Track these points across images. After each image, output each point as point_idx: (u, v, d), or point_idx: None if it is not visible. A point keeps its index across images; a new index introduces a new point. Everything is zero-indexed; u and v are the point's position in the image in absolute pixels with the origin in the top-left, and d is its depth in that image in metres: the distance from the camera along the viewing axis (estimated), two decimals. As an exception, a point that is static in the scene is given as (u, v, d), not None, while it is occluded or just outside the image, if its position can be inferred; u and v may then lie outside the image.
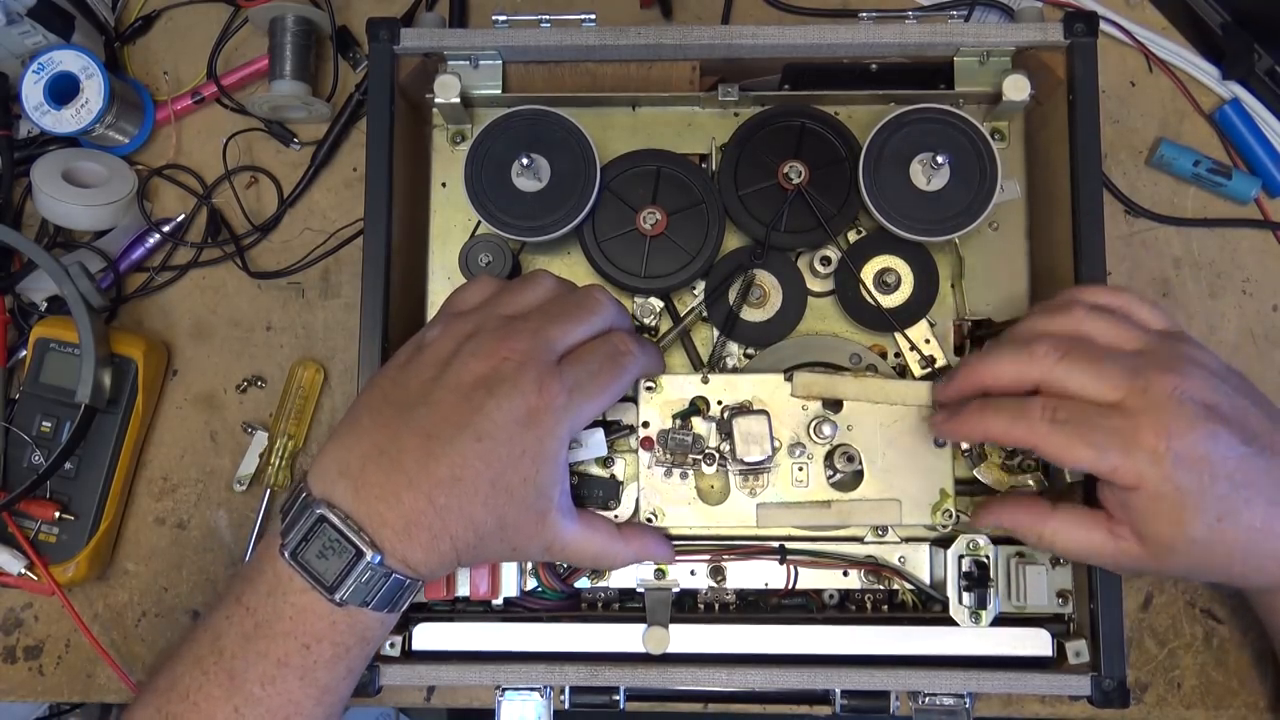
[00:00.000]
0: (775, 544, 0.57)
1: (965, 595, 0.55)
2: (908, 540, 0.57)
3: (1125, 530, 0.49)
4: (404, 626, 0.56)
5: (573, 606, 0.58)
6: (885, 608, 0.58)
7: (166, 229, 0.70)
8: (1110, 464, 0.47)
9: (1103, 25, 0.68)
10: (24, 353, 0.67)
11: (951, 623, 0.55)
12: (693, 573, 0.57)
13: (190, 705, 0.47)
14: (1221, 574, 0.50)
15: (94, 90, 0.66)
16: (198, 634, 0.49)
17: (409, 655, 0.56)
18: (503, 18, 0.59)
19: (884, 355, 0.60)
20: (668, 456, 0.56)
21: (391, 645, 0.56)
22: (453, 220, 0.62)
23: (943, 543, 0.56)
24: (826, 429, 0.55)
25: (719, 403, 0.56)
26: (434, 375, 0.49)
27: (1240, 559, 0.48)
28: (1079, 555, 0.51)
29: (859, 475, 0.55)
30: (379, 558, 0.46)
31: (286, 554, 0.47)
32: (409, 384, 0.49)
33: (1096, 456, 0.47)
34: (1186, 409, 0.47)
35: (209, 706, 0.47)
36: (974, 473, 0.57)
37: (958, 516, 0.55)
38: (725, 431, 0.55)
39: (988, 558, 0.55)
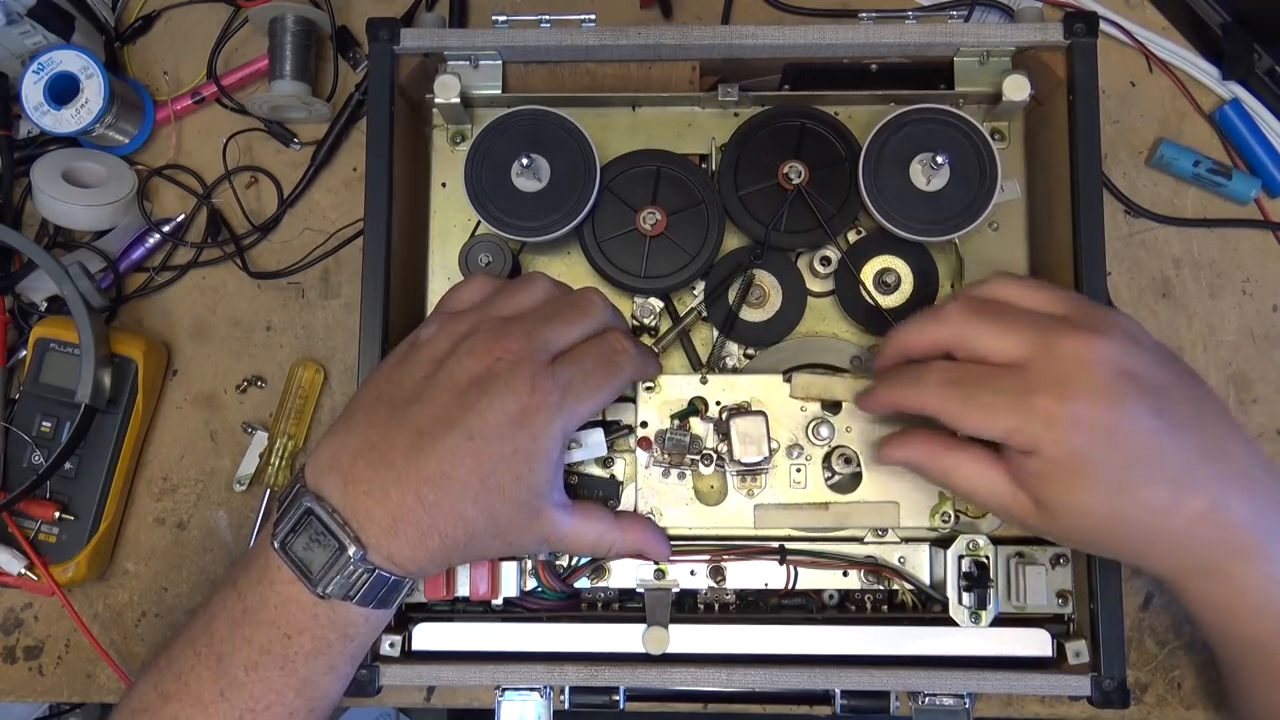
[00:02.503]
0: (775, 544, 0.57)
1: (965, 595, 0.55)
2: (907, 540, 0.57)
3: (1023, 488, 0.48)
4: (404, 626, 0.56)
5: (573, 606, 0.58)
6: (885, 608, 0.58)
7: (166, 229, 0.70)
8: (1003, 427, 0.46)
9: (1103, 25, 0.68)
10: (24, 353, 0.67)
11: (951, 623, 0.55)
12: (692, 573, 0.57)
13: (182, 685, 0.48)
14: (1116, 551, 0.49)
15: (94, 90, 0.66)
16: (197, 616, 0.50)
17: (409, 655, 0.56)
18: (503, 18, 0.59)
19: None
20: (665, 457, 0.56)
21: (391, 645, 0.56)
22: (453, 220, 0.62)
23: (942, 543, 0.56)
24: (825, 430, 0.55)
25: (717, 403, 0.56)
26: (428, 373, 0.49)
27: (1136, 539, 0.47)
28: (974, 498, 0.50)
29: (857, 477, 0.55)
30: (361, 553, 0.46)
31: (276, 543, 0.48)
32: (403, 381, 0.49)
33: (989, 419, 0.46)
34: (1092, 371, 0.45)
35: (198, 687, 0.48)
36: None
37: (956, 518, 0.55)
38: (723, 432, 0.55)
39: (987, 558, 0.55)
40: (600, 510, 0.54)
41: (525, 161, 0.56)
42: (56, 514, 0.65)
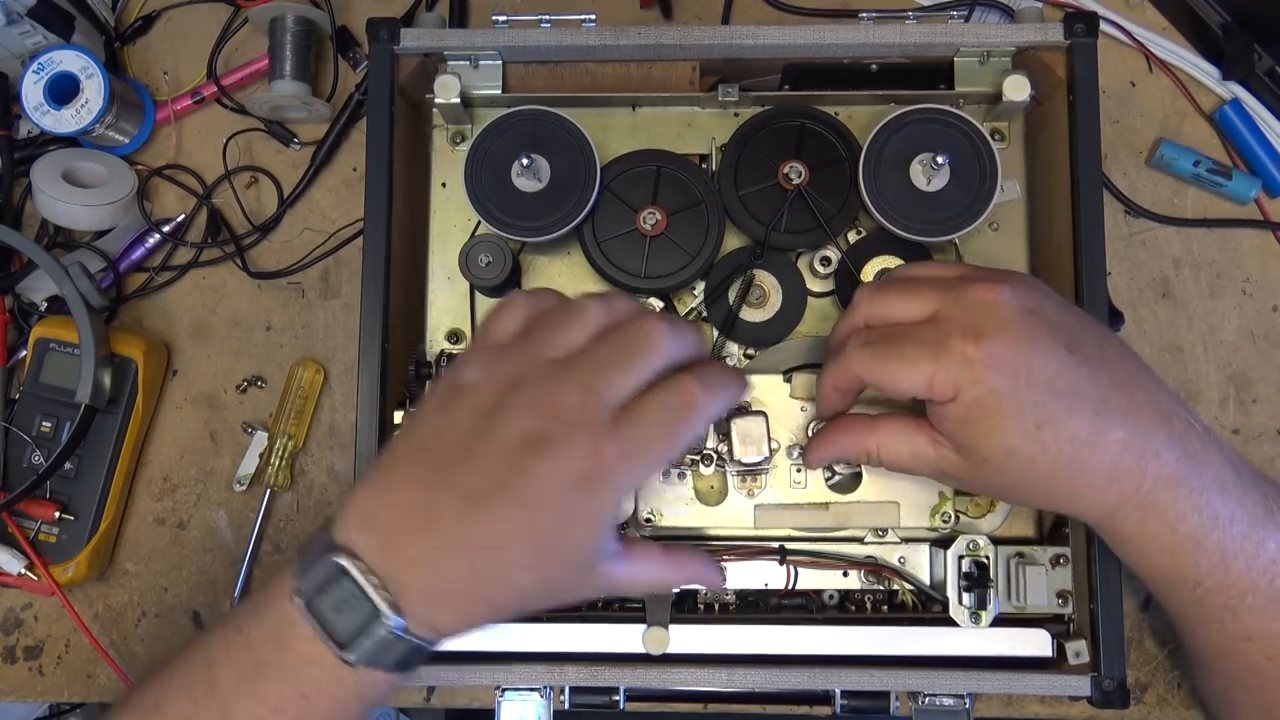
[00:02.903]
0: (775, 544, 0.57)
1: (965, 595, 0.55)
2: (907, 541, 0.57)
3: (946, 440, 0.48)
4: (404, 627, 0.56)
5: (573, 606, 0.58)
6: (885, 608, 0.58)
7: (166, 229, 0.70)
8: (924, 375, 0.46)
9: (1103, 25, 0.68)
10: (24, 353, 0.67)
11: (951, 623, 0.55)
12: (692, 573, 0.57)
13: None
14: (1046, 493, 0.49)
15: (94, 90, 0.66)
16: (191, 656, 0.45)
17: (409, 655, 0.56)
18: (503, 18, 0.59)
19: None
20: (667, 457, 0.56)
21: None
22: (453, 220, 0.62)
23: (943, 543, 0.56)
24: (826, 429, 0.55)
25: (719, 403, 0.56)
26: (475, 427, 0.44)
27: (1066, 475, 0.47)
28: (904, 465, 0.50)
29: (857, 477, 0.55)
30: (401, 623, 0.42)
31: (300, 600, 0.43)
32: (447, 434, 0.44)
33: (909, 370, 0.47)
34: (1001, 312, 0.46)
35: None
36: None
37: (956, 518, 0.55)
38: (723, 432, 0.55)
39: (988, 558, 0.55)
40: (651, 550, 0.50)
41: (525, 161, 0.56)
42: (56, 514, 0.65)
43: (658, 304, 0.60)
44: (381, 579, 0.43)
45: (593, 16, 0.58)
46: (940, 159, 0.55)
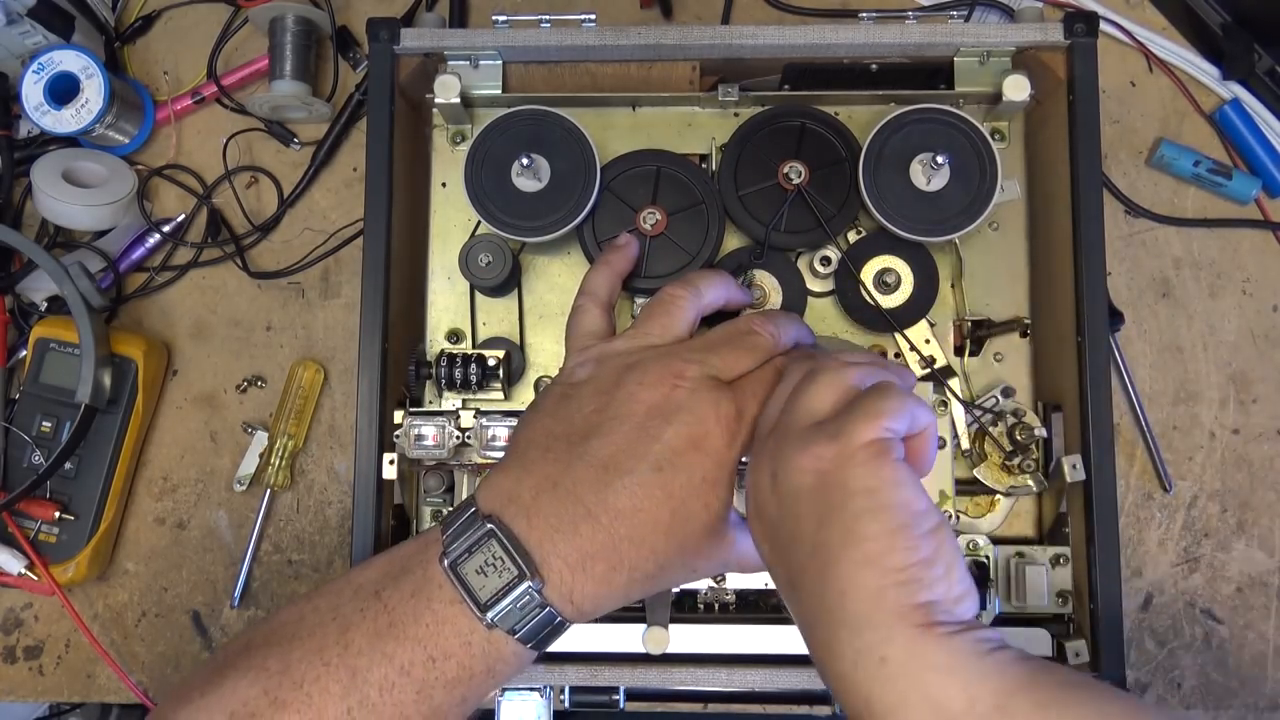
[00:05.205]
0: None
1: (965, 595, 0.55)
2: (907, 540, 0.57)
3: None
4: (404, 626, 0.56)
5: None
6: (885, 608, 0.58)
7: (166, 229, 0.70)
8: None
9: (1103, 25, 0.68)
10: (24, 353, 0.67)
11: (951, 623, 0.55)
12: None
13: (303, 696, 0.43)
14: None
15: (94, 90, 0.66)
16: (321, 620, 0.46)
17: (409, 655, 0.56)
18: (503, 18, 0.59)
19: (884, 356, 0.60)
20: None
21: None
22: (453, 220, 0.62)
23: (942, 543, 0.56)
24: (826, 429, 0.55)
25: (719, 403, 0.56)
26: (600, 406, 0.47)
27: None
28: None
29: (859, 475, 0.55)
30: (540, 585, 0.44)
31: (446, 563, 0.45)
32: (573, 418, 0.48)
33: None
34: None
35: (322, 700, 0.43)
36: (974, 473, 0.57)
37: (956, 518, 0.55)
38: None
39: (988, 558, 0.55)
40: None
41: (525, 161, 0.56)
42: (56, 514, 0.65)
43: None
44: (526, 548, 0.45)
45: (593, 16, 0.59)
46: (940, 159, 0.55)
